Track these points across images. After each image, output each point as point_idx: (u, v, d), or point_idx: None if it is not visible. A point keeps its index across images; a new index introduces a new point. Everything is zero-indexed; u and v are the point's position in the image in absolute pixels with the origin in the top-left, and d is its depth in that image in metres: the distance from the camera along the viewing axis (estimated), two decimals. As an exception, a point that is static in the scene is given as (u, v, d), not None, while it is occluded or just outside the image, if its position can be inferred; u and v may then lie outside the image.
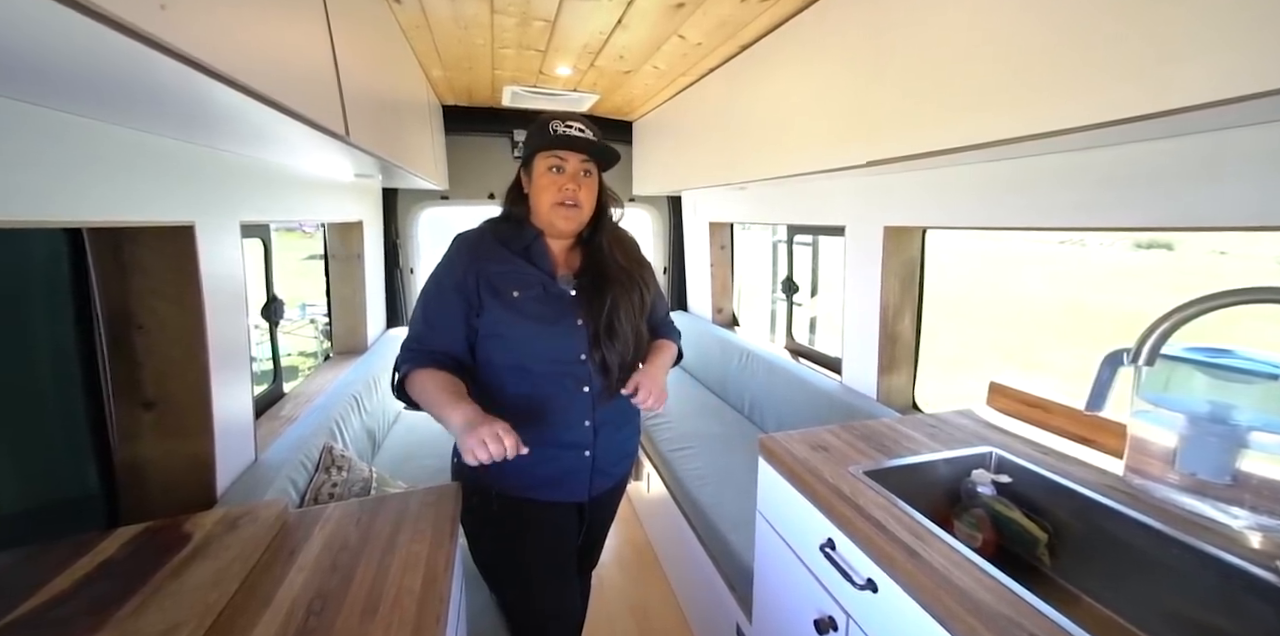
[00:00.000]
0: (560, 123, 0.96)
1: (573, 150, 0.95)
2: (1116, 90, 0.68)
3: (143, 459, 0.95)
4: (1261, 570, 0.68)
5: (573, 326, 0.98)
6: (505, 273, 0.97)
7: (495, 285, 0.96)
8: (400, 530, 0.80)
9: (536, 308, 0.97)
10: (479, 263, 0.97)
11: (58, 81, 0.56)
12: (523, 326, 0.96)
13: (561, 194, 0.95)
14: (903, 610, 0.74)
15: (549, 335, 0.97)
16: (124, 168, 0.80)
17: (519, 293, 0.96)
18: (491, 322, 0.96)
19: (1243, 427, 0.77)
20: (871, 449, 1.11)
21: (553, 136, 0.94)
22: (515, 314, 0.95)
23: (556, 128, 0.95)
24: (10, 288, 0.80)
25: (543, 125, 0.97)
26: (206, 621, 0.57)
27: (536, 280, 0.98)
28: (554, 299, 0.99)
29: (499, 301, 0.95)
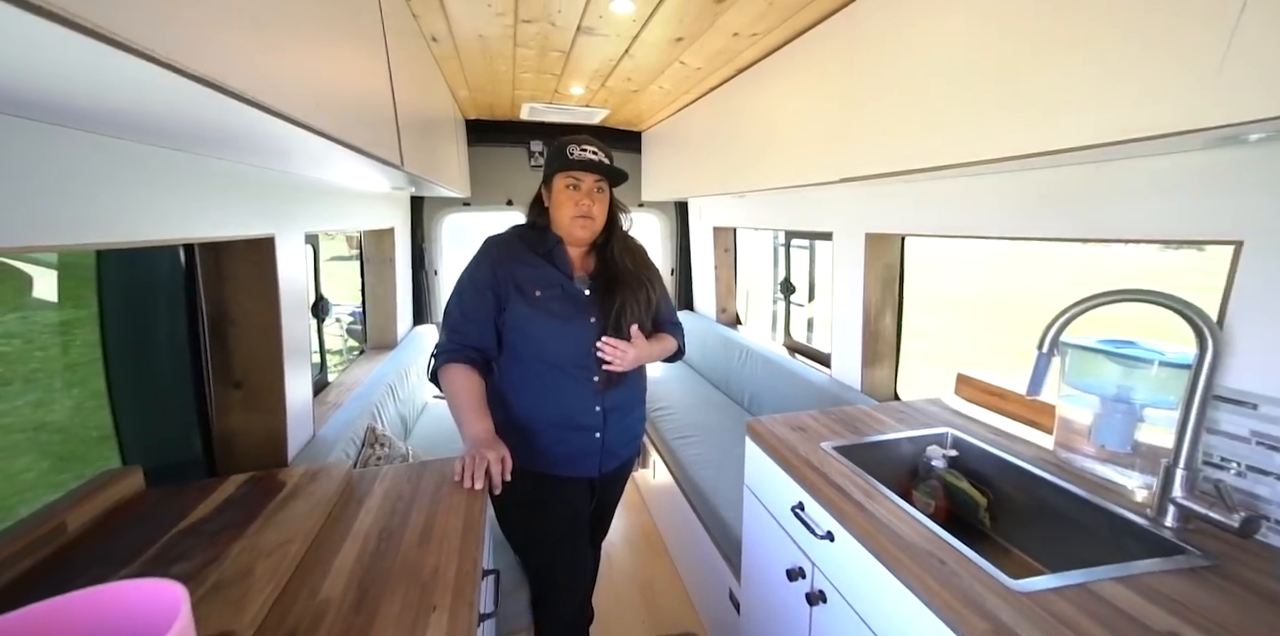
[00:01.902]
0: (577, 146, 1.09)
1: (587, 171, 1.10)
2: (1031, 129, 0.84)
3: (232, 429, 1.16)
4: (1137, 517, 0.83)
5: (586, 323, 1.11)
6: (530, 273, 1.11)
7: (520, 284, 1.10)
8: (442, 486, 0.99)
9: (555, 306, 1.10)
10: (507, 263, 1.11)
11: (175, 129, 0.73)
12: (542, 322, 1.09)
13: (578, 208, 1.10)
14: (853, 553, 0.91)
15: (565, 330, 1.10)
16: (221, 193, 1.01)
17: (541, 292, 1.09)
18: (515, 317, 1.10)
19: (1139, 405, 0.92)
20: (844, 429, 1.27)
21: (570, 159, 1.08)
22: (536, 310, 1.09)
23: (573, 152, 1.09)
24: (144, 293, 1.02)
25: (561, 149, 1.10)
26: (310, 539, 0.76)
27: (556, 281, 1.12)
28: (571, 298, 1.12)
29: (523, 299, 1.09)
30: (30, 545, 0.64)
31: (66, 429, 1.14)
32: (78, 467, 1.08)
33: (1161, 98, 0.65)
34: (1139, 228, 0.90)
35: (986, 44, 0.91)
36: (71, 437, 1.14)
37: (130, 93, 0.50)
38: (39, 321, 1.35)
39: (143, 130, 0.72)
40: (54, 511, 0.71)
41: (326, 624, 0.62)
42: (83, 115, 0.61)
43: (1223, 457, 0.82)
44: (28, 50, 0.36)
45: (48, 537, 0.66)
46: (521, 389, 1.13)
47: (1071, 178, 1.02)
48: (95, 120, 0.64)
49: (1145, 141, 0.67)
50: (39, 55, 0.37)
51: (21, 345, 1.21)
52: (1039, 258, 10.70)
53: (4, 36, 0.33)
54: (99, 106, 0.57)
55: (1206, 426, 0.81)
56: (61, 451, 1.11)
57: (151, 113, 0.61)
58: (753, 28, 1.43)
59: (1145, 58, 0.67)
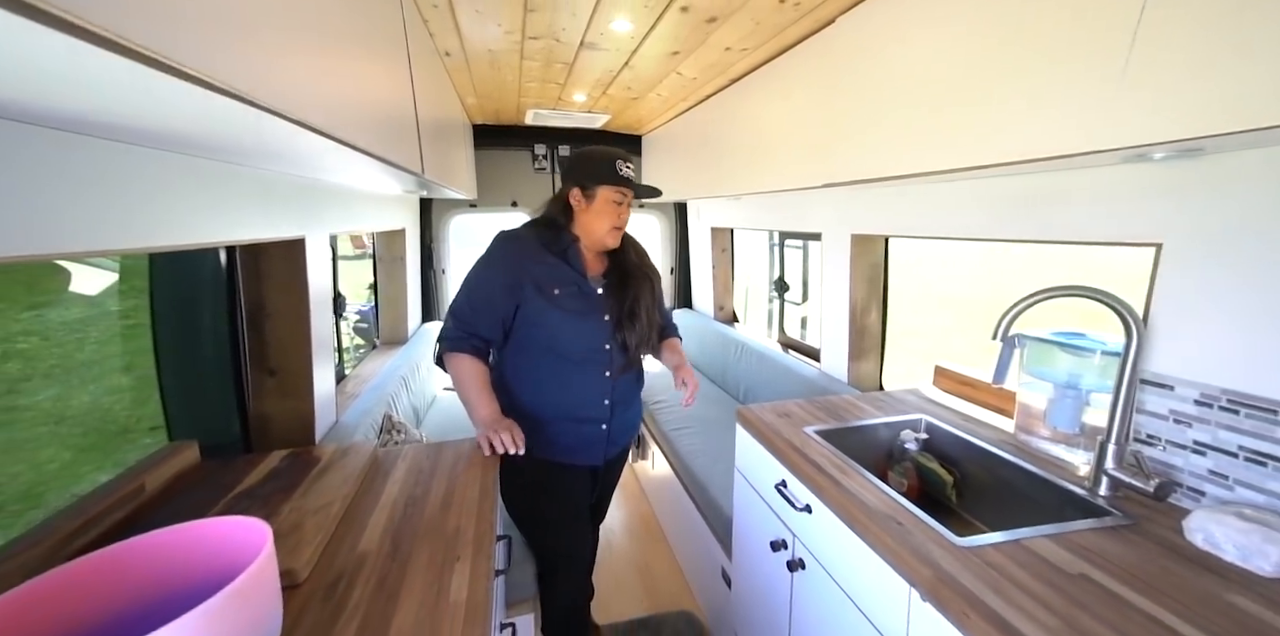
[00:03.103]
0: (624, 164, 1.16)
1: (631, 189, 1.18)
2: (978, 144, 0.94)
3: (267, 412, 1.27)
4: (1077, 488, 0.94)
5: (600, 321, 1.18)
6: (548, 272, 1.15)
7: (539, 282, 1.14)
8: (459, 463, 1.10)
9: (571, 303, 1.15)
10: (525, 261, 1.14)
11: (224, 144, 0.81)
12: (559, 319, 1.14)
13: (619, 220, 1.19)
14: (828, 523, 1.01)
15: (580, 327, 1.16)
16: (257, 199, 1.11)
17: (559, 290, 1.14)
18: (533, 313, 1.14)
19: (1086, 391, 1.03)
20: (827, 416, 1.38)
21: (621, 176, 1.15)
22: (555, 308, 1.14)
23: (622, 168, 1.15)
24: (193, 290, 1.13)
25: (610, 162, 1.15)
26: (346, 502, 0.88)
27: (572, 279, 1.17)
28: (586, 296, 1.18)
29: (541, 296, 1.13)
30: (120, 501, 0.75)
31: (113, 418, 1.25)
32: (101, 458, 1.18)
33: (1072, 122, 0.76)
34: (1079, 231, 1.01)
35: (943, 69, 1.02)
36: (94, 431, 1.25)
37: (188, 113, 0.56)
38: (54, 319, 1.45)
39: (192, 145, 0.79)
40: (135, 473, 0.82)
41: (368, 568, 0.73)
42: (140, 133, 0.68)
43: (1149, 434, 0.92)
44: (95, 75, 0.41)
45: (132, 495, 0.77)
46: (532, 381, 1.19)
47: (1029, 185, 1.13)
48: (150, 137, 0.71)
49: (1066, 158, 0.78)
50: (100, 78, 0.42)
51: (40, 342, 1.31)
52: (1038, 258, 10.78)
53: (82, 69, 0.39)
54: (159, 126, 0.64)
55: (1137, 407, 0.92)
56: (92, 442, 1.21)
57: (207, 131, 0.70)
58: (743, 44, 1.54)
59: (1059, 87, 0.78)
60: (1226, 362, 0.82)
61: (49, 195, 0.63)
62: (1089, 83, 0.74)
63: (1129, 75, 0.68)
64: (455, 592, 0.70)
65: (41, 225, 0.62)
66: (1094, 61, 0.73)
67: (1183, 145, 0.68)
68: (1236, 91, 0.59)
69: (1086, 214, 1.00)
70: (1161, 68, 0.66)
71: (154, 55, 0.37)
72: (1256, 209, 0.77)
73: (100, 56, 0.36)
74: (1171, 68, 0.65)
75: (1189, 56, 0.63)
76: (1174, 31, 0.64)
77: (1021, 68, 0.84)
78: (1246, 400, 0.80)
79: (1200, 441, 0.85)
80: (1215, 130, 0.60)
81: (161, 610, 0.50)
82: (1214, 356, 0.83)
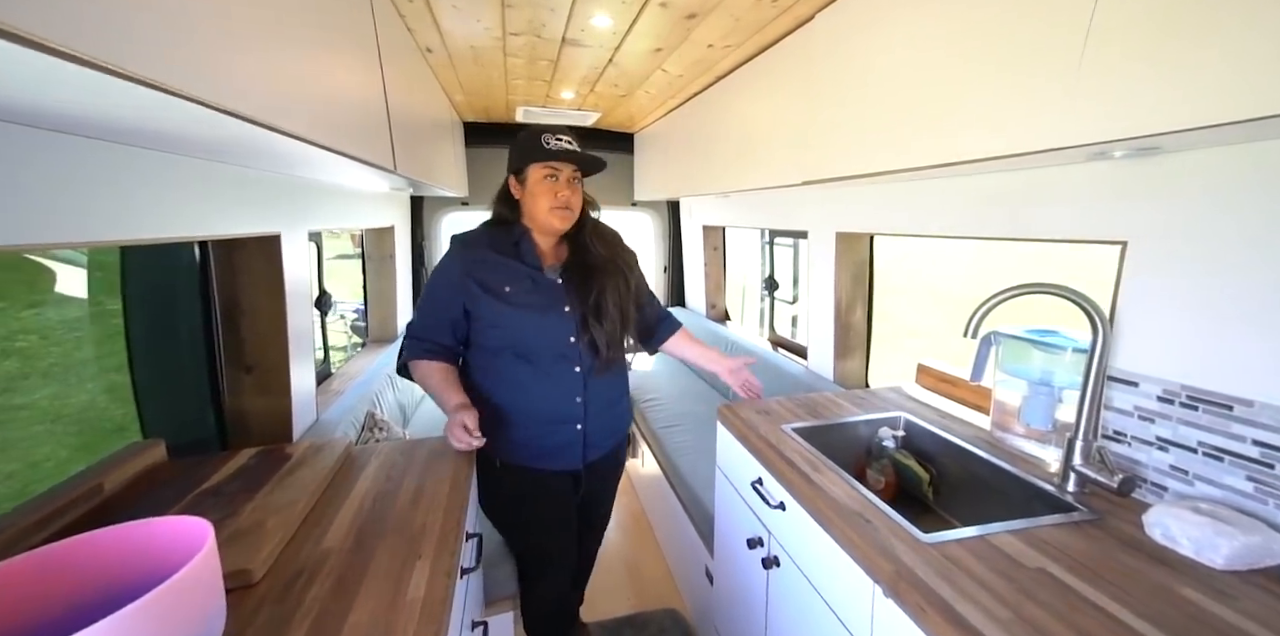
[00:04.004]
0: (552, 136, 1.07)
1: (566, 162, 1.08)
2: (947, 141, 0.94)
3: (244, 409, 1.27)
4: (1046, 484, 0.94)
5: (561, 313, 1.12)
6: (496, 271, 1.10)
7: (487, 283, 1.10)
8: (432, 460, 1.10)
9: (527, 298, 1.10)
10: (471, 264, 1.11)
11: (192, 141, 0.81)
12: (516, 316, 1.09)
13: (557, 199, 1.08)
14: (800, 520, 1.01)
15: (540, 323, 1.11)
16: (232, 194, 1.11)
17: (510, 287, 1.10)
18: (488, 315, 1.10)
19: (1058, 388, 1.03)
20: (806, 413, 1.38)
21: (548, 150, 1.06)
22: (508, 306, 1.09)
23: (549, 141, 1.06)
24: (166, 284, 1.13)
25: (535, 138, 1.07)
26: (314, 499, 0.88)
27: (525, 274, 1.12)
28: (543, 289, 1.12)
29: (493, 296, 1.09)
30: (73, 502, 0.75)
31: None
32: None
33: (1036, 119, 0.76)
34: (1051, 229, 1.01)
35: (914, 67, 1.02)
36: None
37: (139, 113, 0.58)
38: (54, 317, 1.45)
39: (155, 140, 0.80)
40: (92, 475, 0.82)
41: (329, 565, 0.73)
42: (102, 129, 0.69)
43: (1116, 430, 0.93)
44: (49, 81, 0.43)
45: (87, 496, 0.77)
46: (499, 384, 1.14)
47: (1003, 183, 1.13)
48: (112, 132, 0.72)
49: (1029, 156, 0.78)
50: (60, 83, 0.44)
51: (40, 340, 1.31)
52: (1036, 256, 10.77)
53: (49, 76, 0.41)
54: (119, 124, 0.65)
55: (1105, 404, 0.92)
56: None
57: (164, 128, 0.71)
58: (725, 41, 1.54)
59: (1020, 85, 0.79)
60: (1186, 359, 0.82)
61: (12, 187, 0.63)
62: (1046, 80, 0.74)
63: (1083, 73, 0.68)
64: (414, 590, 0.70)
65: (2, 216, 0.62)
66: (1051, 59, 0.73)
67: (1139, 143, 0.69)
68: (1189, 88, 0.58)
69: (1057, 212, 1.00)
70: (1114, 65, 0.66)
71: (104, 64, 0.38)
72: (1212, 208, 0.77)
73: (51, 62, 0.37)
74: (1124, 65, 0.65)
75: (1141, 54, 0.63)
76: (1126, 29, 0.65)
77: (985, 65, 0.84)
78: (1204, 396, 0.80)
79: (1163, 437, 0.86)
80: (1168, 127, 0.60)
81: (98, 613, 0.50)
82: (1175, 353, 0.83)
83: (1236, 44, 0.55)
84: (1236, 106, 0.55)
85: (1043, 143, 0.75)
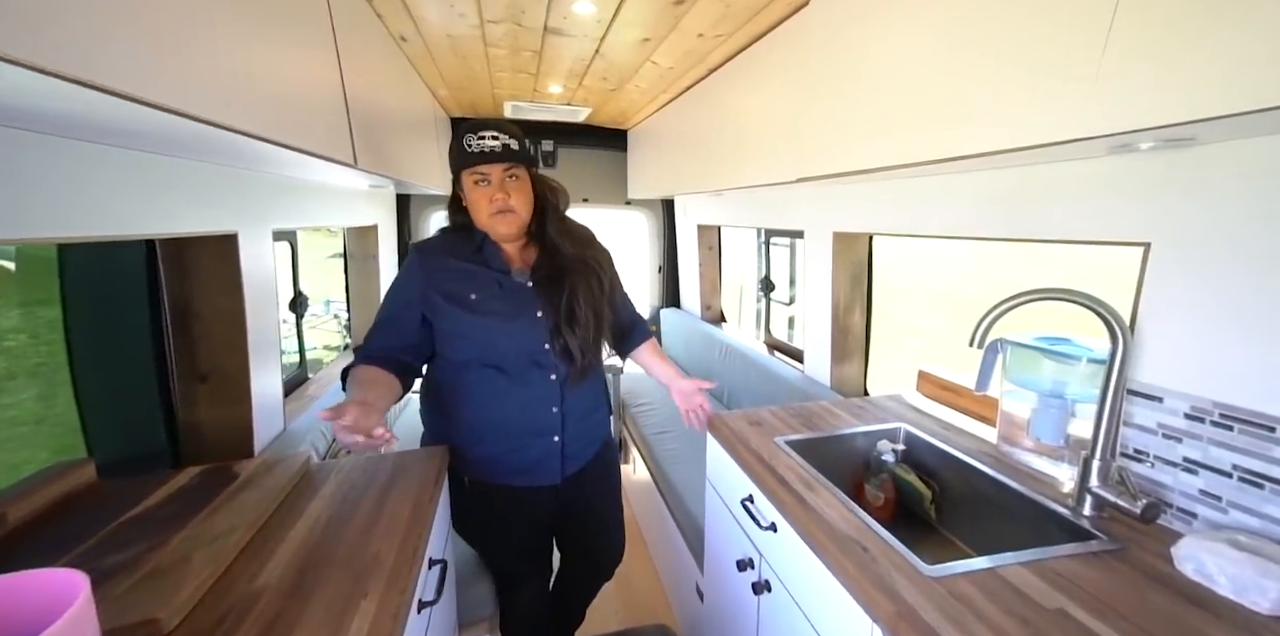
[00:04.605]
0: (474, 136, 0.97)
1: (492, 162, 0.98)
2: (949, 134, 0.86)
3: (198, 422, 1.18)
4: (1060, 507, 0.86)
5: (533, 319, 1.04)
6: (459, 278, 1.03)
7: (450, 291, 1.02)
8: (396, 477, 1.01)
9: (494, 305, 1.02)
10: (430, 272, 1.04)
11: (128, 132, 0.75)
12: (483, 325, 1.02)
13: (493, 204, 0.99)
14: (792, 544, 0.93)
15: (510, 330, 1.03)
16: (182, 190, 1.03)
17: (476, 294, 1.02)
18: (453, 325, 1.03)
19: (1071, 401, 0.95)
20: (800, 424, 1.30)
21: (471, 154, 0.97)
22: (474, 314, 1.02)
23: (471, 142, 0.97)
24: (108, 287, 1.04)
25: (459, 140, 0.99)
26: (256, 526, 0.79)
27: (491, 279, 1.04)
28: (511, 293, 1.04)
29: (456, 305, 1.02)
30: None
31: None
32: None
33: (1050, 109, 0.68)
34: (1064, 229, 0.93)
35: (916, 56, 0.94)
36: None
37: (71, 106, 0.54)
38: (43, 317, 1.36)
39: (90, 133, 0.74)
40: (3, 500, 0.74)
41: (258, 609, 0.65)
42: (32, 120, 0.64)
43: (1136, 449, 0.85)
44: None
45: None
46: (470, 398, 1.06)
47: (1012, 180, 1.05)
48: (42, 124, 0.67)
49: (1045, 148, 0.70)
50: None
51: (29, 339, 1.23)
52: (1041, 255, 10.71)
53: None
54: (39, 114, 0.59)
55: (1124, 420, 0.84)
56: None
57: (96, 123, 0.64)
58: (715, 30, 1.45)
59: (1037, 71, 0.70)
60: (1220, 373, 0.74)
61: None
62: (1066, 64, 0.66)
63: (1110, 55, 0.60)
64: (355, 632, 0.62)
65: None
66: (1072, 39, 0.65)
67: (1173, 132, 0.61)
68: (1239, 67, 0.51)
69: (1071, 211, 0.92)
70: (1147, 44, 0.58)
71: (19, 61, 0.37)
72: (1251, 205, 0.69)
73: None
74: (1159, 44, 0.57)
75: (1177, 29, 0.55)
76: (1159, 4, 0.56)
77: (995, 50, 0.76)
78: (1241, 415, 0.72)
79: (1191, 458, 0.78)
80: (1211, 112, 0.53)
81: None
82: (1206, 366, 0.76)
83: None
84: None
85: (1060, 134, 0.68)
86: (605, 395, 1.26)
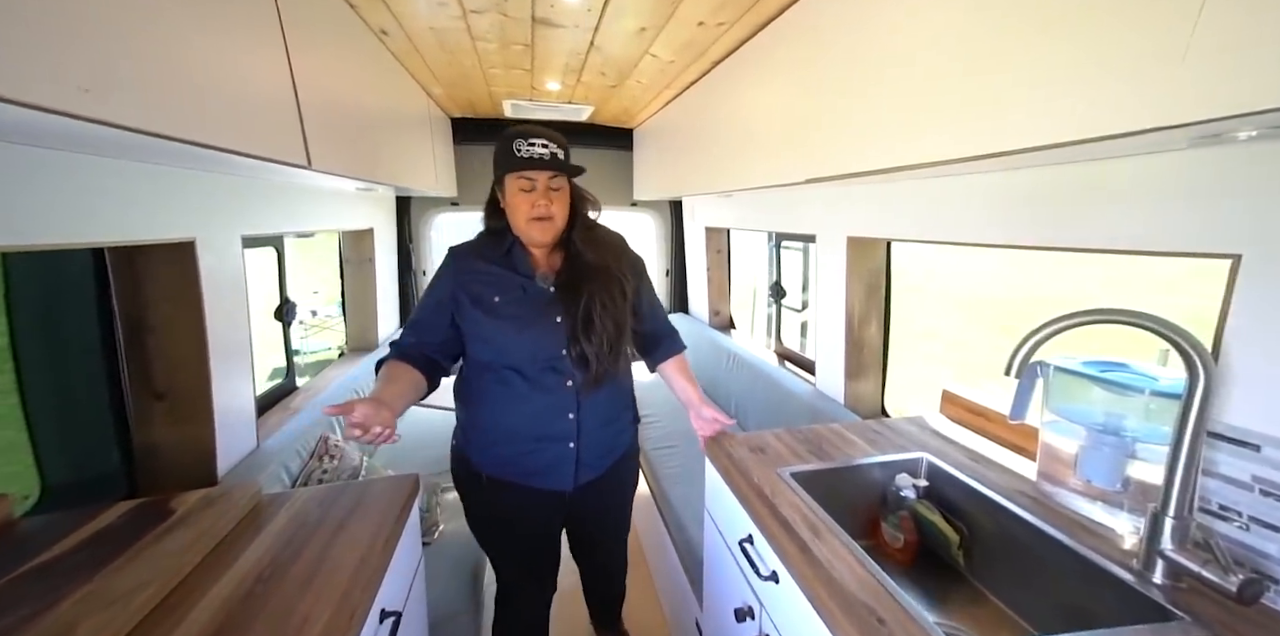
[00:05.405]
0: (525, 141, 1.00)
1: (540, 170, 1.00)
2: (989, 126, 0.73)
3: (155, 442, 1.10)
4: (1122, 570, 0.72)
5: (551, 325, 1.04)
6: (486, 281, 1.06)
7: (476, 293, 1.05)
8: (354, 513, 0.91)
9: (515, 309, 1.04)
10: (461, 275, 1.07)
11: (56, 136, 0.69)
12: (503, 328, 1.04)
13: (535, 210, 1.02)
14: (795, 599, 0.81)
15: (528, 335, 1.04)
16: (133, 195, 0.95)
17: (499, 297, 1.05)
18: (475, 326, 1.06)
19: (1130, 438, 0.80)
20: (808, 452, 1.16)
21: (520, 159, 0.99)
22: (495, 317, 1.04)
23: (521, 148, 0.99)
24: (50, 298, 0.96)
25: (508, 143, 1.01)
26: (173, 582, 0.69)
27: (516, 284, 1.06)
28: (533, 299, 1.06)
29: (480, 308, 1.05)
30: None
31: None
32: None
33: (1123, 92, 0.54)
34: (1114, 237, 0.78)
35: (939, 39, 0.81)
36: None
37: None
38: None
39: (14, 134, 0.67)
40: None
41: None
42: None
43: (1222, 505, 0.70)
44: None
45: None
46: (489, 398, 1.08)
47: (1053, 181, 0.90)
48: None
49: (1109, 141, 0.56)
50: None
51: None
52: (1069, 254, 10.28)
53: None
54: None
55: (1204, 468, 0.69)
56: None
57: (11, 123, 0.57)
58: (716, 17, 1.33)
59: (1101, 47, 0.56)
60: None
61: None
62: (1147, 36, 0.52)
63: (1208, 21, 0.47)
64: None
65: None
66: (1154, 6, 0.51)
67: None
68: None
69: (1126, 215, 0.77)
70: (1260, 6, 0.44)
71: None
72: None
73: None
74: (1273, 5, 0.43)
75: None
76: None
77: (1045, 24, 0.62)
78: None
79: (1298, 523, 0.63)
80: None
81: None
82: None
83: None
84: None
85: (1130, 122, 0.54)
86: (629, 406, 1.23)
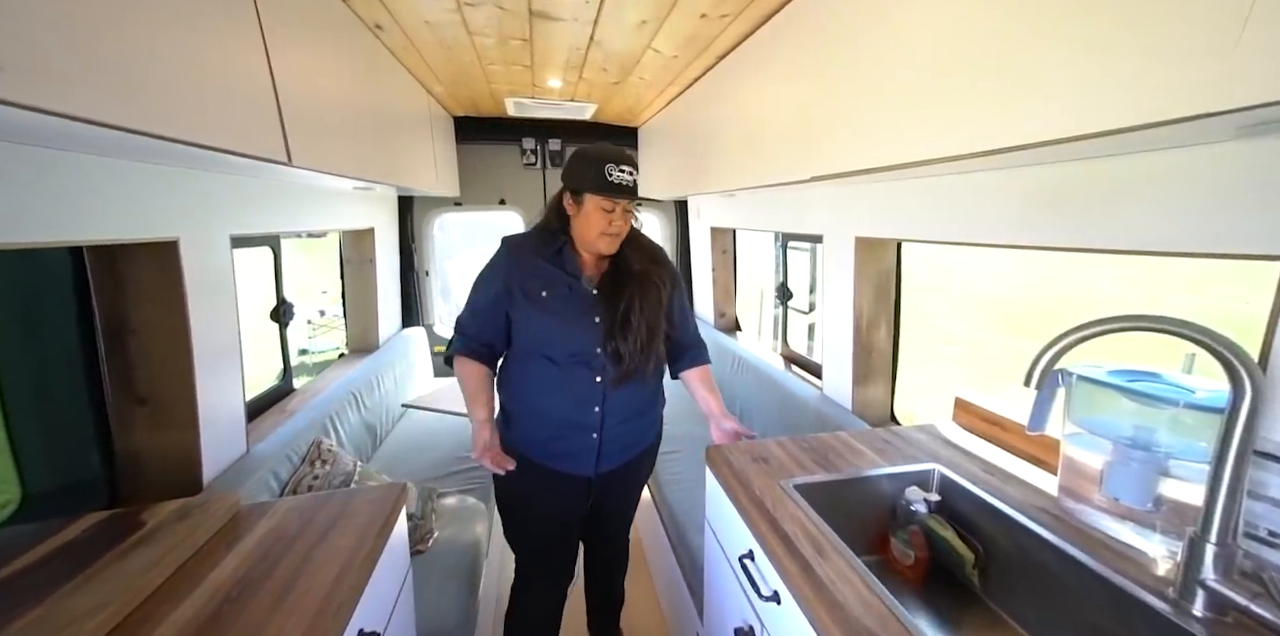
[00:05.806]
0: (616, 167, 1.07)
1: (624, 196, 1.08)
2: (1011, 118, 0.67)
3: (138, 448, 1.07)
4: (1156, 600, 0.66)
5: (590, 323, 1.13)
6: (537, 275, 1.14)
7: (527, 286, 1.14)
8: (335, 525, 0.87)
9: (560, 305, 1.13)
10: (515, 266, 1.16)
11: (29, 131, 0.66)
12: (546, 321, 1.13)
13: (611, 228, 1.10)
14: (797, 623, 0.76)
15: (567, 330, 1.13)
16: (112, 192, 0.91)
17: (547, 292, 1.13)
18: (522, 317, 1.15)
19: (1162, 454, 0.74)
20: (813, 462, 1.11)
21: (609, 183, 1.06)
22: (541, 310, 1.13)
23: (612, 173, 1.06)
24: (27, 299, 0.93)
25: (600, 166, 1.06)
26: (134, 602, 0.65)
27: (563, 281, 1.14)
28: (577, 298, 1.14)
29: (529, 300, 1.13)
30: None
31: None
32: None
33: (1161, 78, 0.48)
34: (1144, 237, 0.72)
35: (953, 25, 0.76)
36: None
37: None
38: None
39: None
40: None
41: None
42: None
43: (1271, 531, 0.64)
44: None
45: None
46: (526, 383, 1.18)
47: (1076, 177, 0.84)
48: None
49: (1143, 131, 0.51)
50: None
51: None
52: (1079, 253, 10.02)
53: None
54: None
55: (1250, 489, 0.63)
56: None
57: None
58: (719, 9, 1.28)
59: (1142, 29, 0.50)
60: None
61: None
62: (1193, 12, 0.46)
63: None
64: None
65: None
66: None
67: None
68: None
69: (1163, 213, 0.71)
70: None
71: None
72: None
73: None
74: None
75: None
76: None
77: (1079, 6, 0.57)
78: None
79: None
80: None
81: None
82: None
83: None
84: None
85: (1169, 109, 0.48)
86: (656, 405, 1.29)
